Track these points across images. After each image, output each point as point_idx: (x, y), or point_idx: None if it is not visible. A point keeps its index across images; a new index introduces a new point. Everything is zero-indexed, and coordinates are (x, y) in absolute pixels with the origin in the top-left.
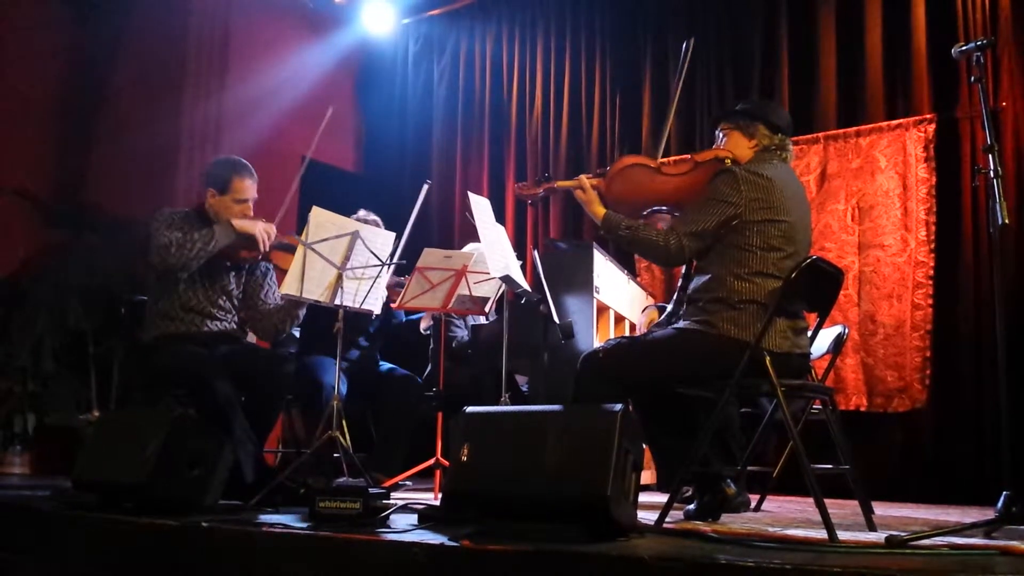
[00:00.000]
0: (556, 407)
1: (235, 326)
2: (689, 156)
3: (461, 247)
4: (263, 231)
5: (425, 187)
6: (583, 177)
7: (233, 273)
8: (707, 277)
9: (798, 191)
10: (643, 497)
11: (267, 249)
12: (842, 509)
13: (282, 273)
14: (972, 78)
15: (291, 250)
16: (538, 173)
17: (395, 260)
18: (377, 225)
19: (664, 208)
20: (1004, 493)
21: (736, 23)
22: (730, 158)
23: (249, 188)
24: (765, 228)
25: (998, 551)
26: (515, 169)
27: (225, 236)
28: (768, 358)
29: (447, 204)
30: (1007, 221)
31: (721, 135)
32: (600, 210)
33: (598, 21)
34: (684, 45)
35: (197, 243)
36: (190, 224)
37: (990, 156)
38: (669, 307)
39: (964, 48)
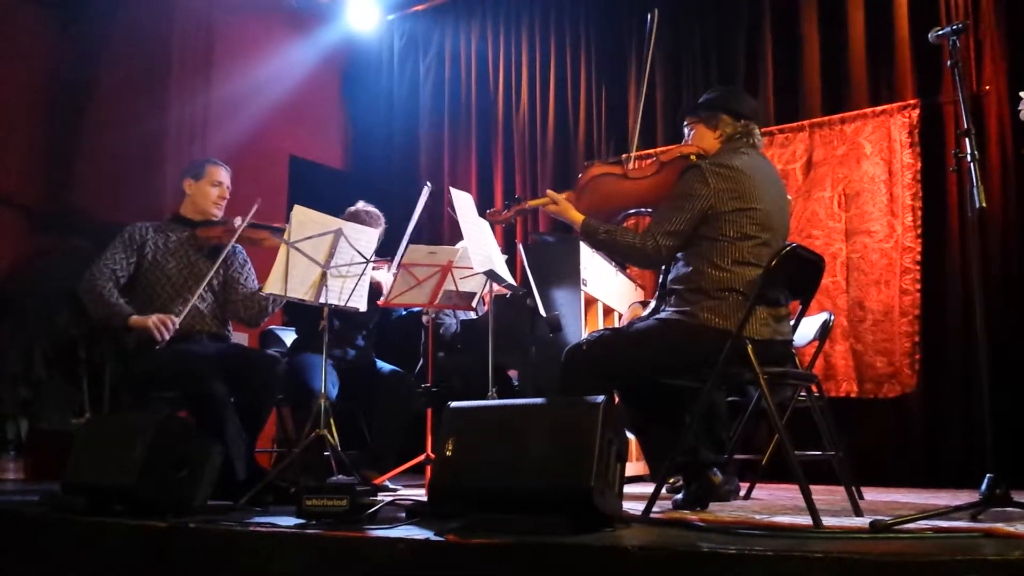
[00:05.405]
0: (539, 400)
1: (217, 321)
2: (654, 157)
3: (449, 243)
4: (155, 324)
5: (426, 189)
6: (551, 192)
7: (210, 262)
8: (686, 268)
9: (769, 176)
10: (634, 487)
11: (166, 339)
12: (832, 495)
13: (252, 244)
14: (949, 62)
15: (260, 227)
16: (525, 168)
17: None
18: (375, 217)
19: (642, 211)
20: (988, 475)
21: (720, 12)
22: (695, 153)
23: (224, 175)
24: (737, 217)
25: (982, 533)
26: (503, 164)
27: (116, 323)
28: (750, 346)
29: (435, 200)
30: (984, 205)
31: (688, 130)
32: (577, 216)
33: (583, 14)
34: (648, 17)
35: (106, 309)
36: (164, 234)
37: (967, 140)
38: (652, 302)
39: (941, 32)
